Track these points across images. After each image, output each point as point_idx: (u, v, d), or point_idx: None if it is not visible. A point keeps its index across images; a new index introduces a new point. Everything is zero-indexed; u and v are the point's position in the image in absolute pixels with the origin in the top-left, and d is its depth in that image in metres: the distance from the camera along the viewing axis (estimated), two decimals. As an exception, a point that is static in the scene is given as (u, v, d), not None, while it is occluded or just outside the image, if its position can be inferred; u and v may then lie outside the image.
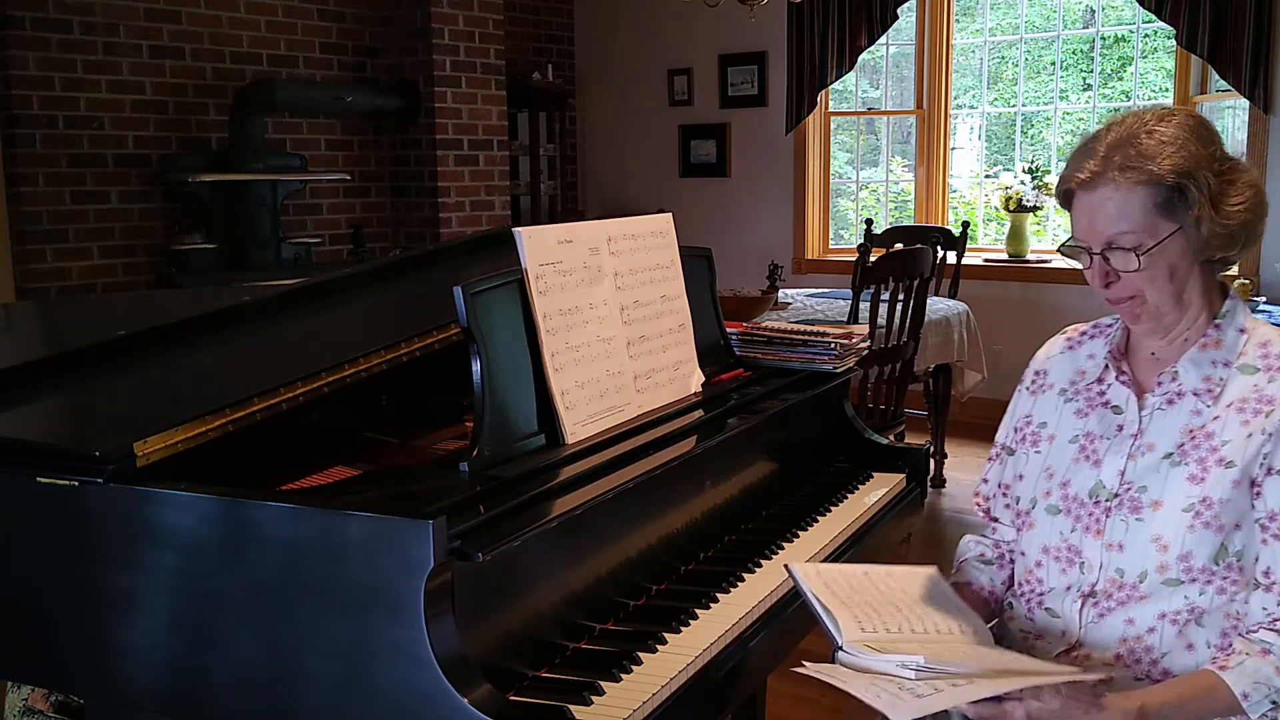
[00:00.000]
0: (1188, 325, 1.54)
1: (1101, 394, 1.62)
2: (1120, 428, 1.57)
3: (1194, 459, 1.49)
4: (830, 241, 6.68)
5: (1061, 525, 1.59)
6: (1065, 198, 1.55)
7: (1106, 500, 1.55)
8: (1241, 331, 1.53)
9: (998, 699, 1.37)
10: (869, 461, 2.33)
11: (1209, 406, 1.51)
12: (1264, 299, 4.72)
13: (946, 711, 1.64)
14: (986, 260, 5.98)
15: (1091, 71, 6.27)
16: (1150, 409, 1.55)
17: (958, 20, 6.35)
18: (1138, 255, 1.46)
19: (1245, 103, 5.05)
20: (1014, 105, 6.49)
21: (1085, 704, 1.39)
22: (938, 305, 4.68)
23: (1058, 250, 1.66)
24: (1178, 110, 1.52)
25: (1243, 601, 1.47)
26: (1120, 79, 6.62)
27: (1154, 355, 1.59)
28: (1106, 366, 1.63)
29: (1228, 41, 4.98)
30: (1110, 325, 1.68)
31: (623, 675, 1.43)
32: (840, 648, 1.46)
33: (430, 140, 5.82)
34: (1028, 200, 5.81)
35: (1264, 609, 1.45)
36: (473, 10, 5.90)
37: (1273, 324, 1.59)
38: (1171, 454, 1.51)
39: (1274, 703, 1.39)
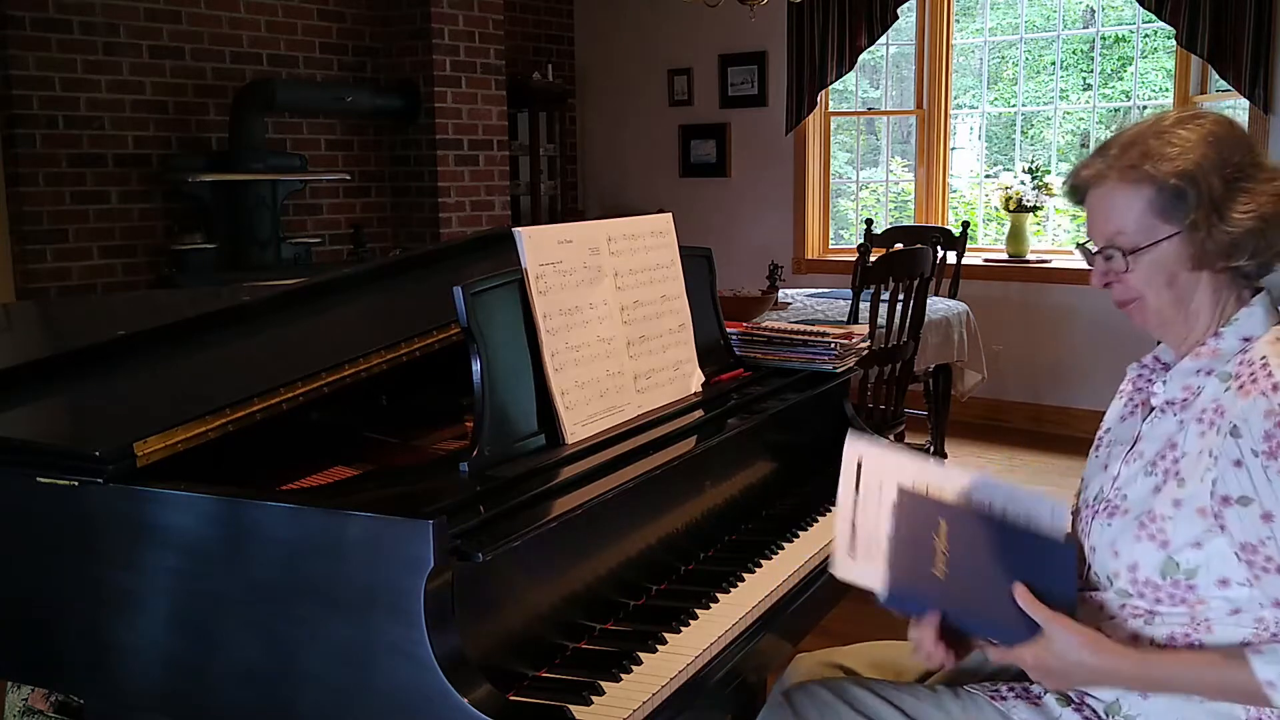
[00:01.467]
0: (1199, 334, 1.47)
1: (1141, 400, 1.59)
2: (1133, 433, 1.54)
3: (1160, 470, 1.45)
4: (830, 241, 6.68)
5: (1080, 525, 1.59)
6: (1075, 193, 1.52)
7: (1096, 503, 1.54)
8: (1246, 340, 1.43)
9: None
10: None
11: (1182, 416, 1.45)
12: (1264, 299, 4.72)
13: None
14: (986, 260, 5.97)
15: (1091, 71, 6.27)
16: (1151, 417, 1.52)
17: (958, 20, 6.34)
18: (1129, 256, 1.44)
19: (1245, 103, 5.05)
20: (1014, 105, 6.49)
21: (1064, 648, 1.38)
22: (938, 305, 4.68)
23: (1075, 247, 1.63)
24: (1207, 115, 1.46)
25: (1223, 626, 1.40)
26: (1120, 79, 6.62)
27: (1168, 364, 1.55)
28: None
29: (1228, 41, 4.98)
30: None
31: (623, 675, 1.43)
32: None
33: (430, 140, 5.82)
34: (1028, 200, 5.80)
35: None
36: (473, 10, 5.89)
37: None
38: (1151, 463, 1.47)
39: None
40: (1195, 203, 1.39)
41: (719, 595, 1.68)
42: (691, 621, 1.59)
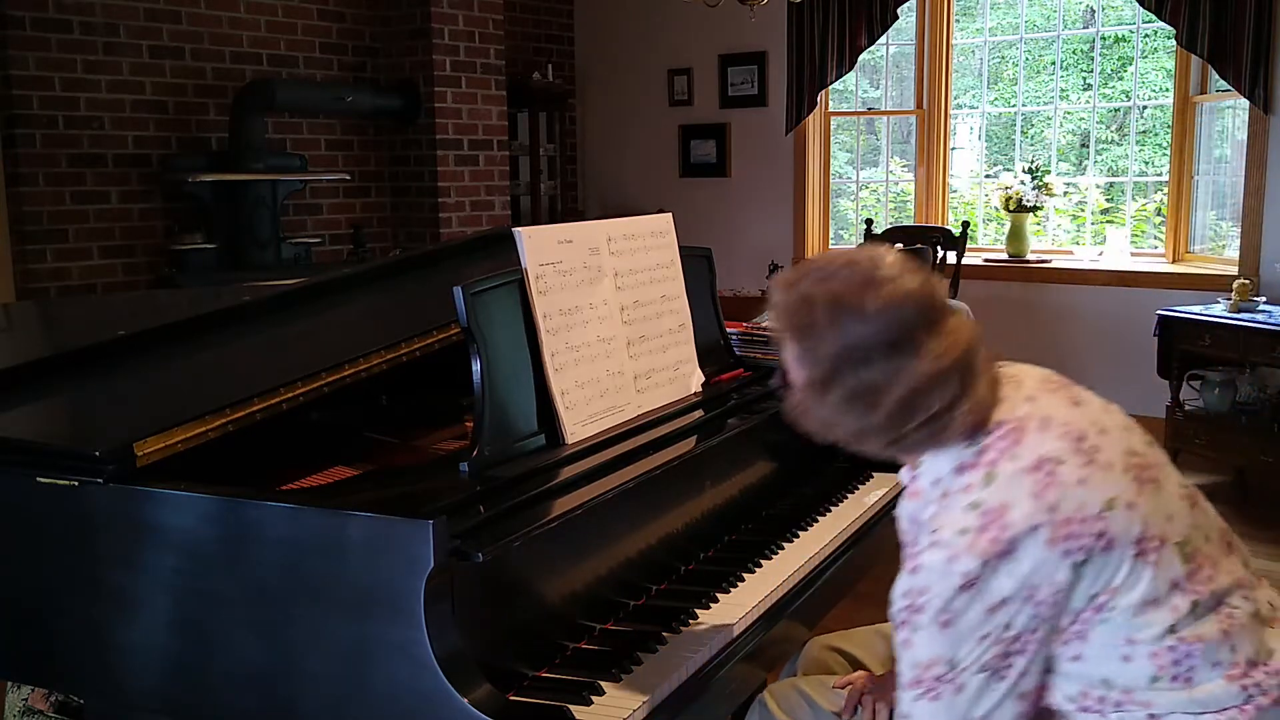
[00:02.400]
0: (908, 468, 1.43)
1: None
2: None
3: None
4: (830, 241, 6.67)
5: None
6: None
7: None
8: (935, 482, 1.34)
9: None
10: (869, 461, 2.33)
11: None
12: (1264, 299, 4.73)
13: None
14: (986, 260, 5.97)
15: (1091, 71, 6.27)
16: None
17: (958, 20, 6.34)
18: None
19: (1245, 103, 5.05)
20: (1014, 105, 6.49)
21: None
22: (938, 305, 4.67)
23: None
24: (867, 284, 1.29)
25: None
26: (1120, 79, 6.62)
27: None
28: None
29: (1228, 41, 4.98)
30: None
31: (623, 675, 1.43)
32: None
33: (430, 140, 5.82)
34: (1028, 200, 5.81)
35: None
36: (473, 10, 5.89)
37: (960, 467, 1.31)
38: None
39: None
40: (808, 377, 1.32)
41: (719, 595, 1.68)
42: (691, 621, 1.59)
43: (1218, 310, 4.60)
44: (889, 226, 6.00)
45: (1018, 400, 1.35)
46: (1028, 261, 5.84)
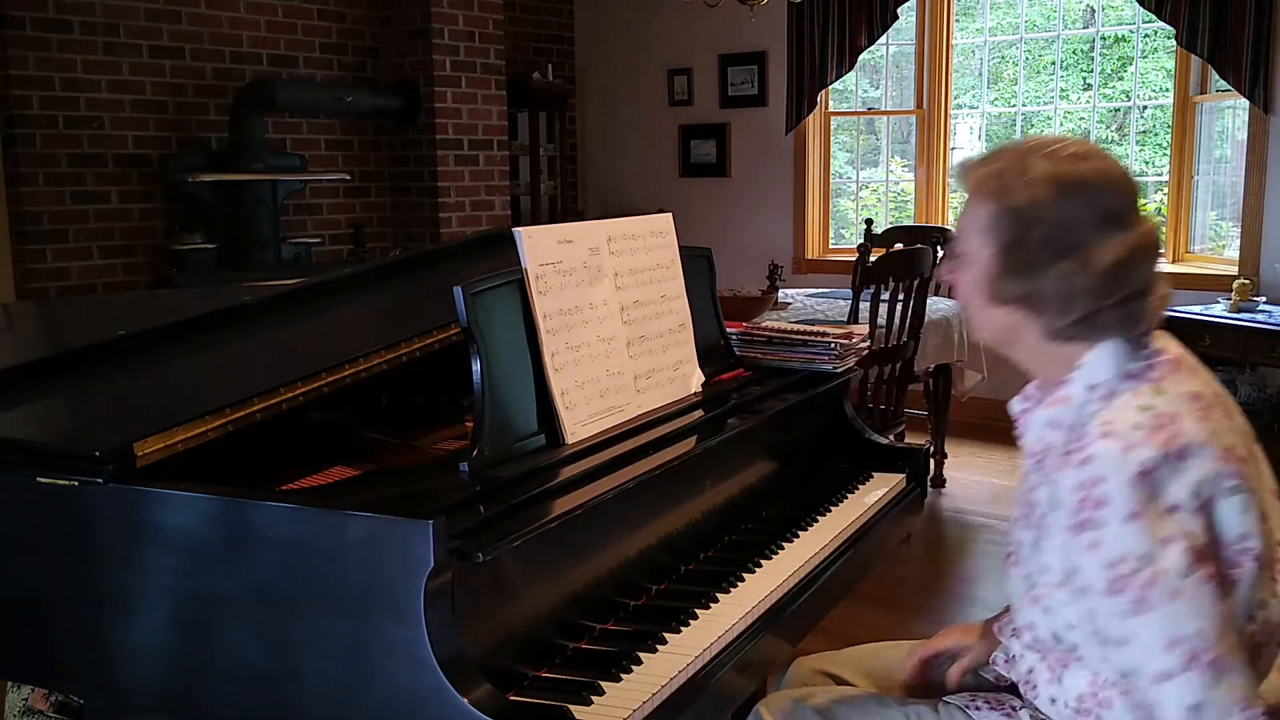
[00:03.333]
0: (1053, 375, 1.43)
1: None
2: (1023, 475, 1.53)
3: (1035, 524, 1.41)
4: (830, 241, 6.67)
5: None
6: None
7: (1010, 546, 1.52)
8: (1091, 388, 1.36)
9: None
10: (869, 461, 2.33)
11: (1039, 471, 1.42)
12: (1264, 299, 4.72)
13: None
14: (986, 260, 5.97)
15: (1091, 71, 6.27)
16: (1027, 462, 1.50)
17: (958, 20, 6.34)
18: (959, 266, 1.43)
19: (1245, 103, 5.05)
20: (1014, 105, 6.49)
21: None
22: (938, 305, 4.68)
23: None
24: (1091, 157, 1.35)
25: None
26: (1120, 79, 6.62)
27: None
28: None
29: (1228, 41, 4.98)
30: None
31: (623, 675, 1.43)
32: None
33: (430, 140, 5.82)
34: (1028, 200, 5.80)
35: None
36: (473, 10, 5.89)
37: (1151, 383, 1.33)
38: (1025, 515, 1.44)
39: None
40: (1008, 240, 1.34)
41: (719, 595, 1.68)
42: (692, 621, 1.59)
43: (1218, 310, 4.60)
44: (889, 226, 5.99)
45: (1168, 342, 1.41)
46: (1028, 261, 5.83)
